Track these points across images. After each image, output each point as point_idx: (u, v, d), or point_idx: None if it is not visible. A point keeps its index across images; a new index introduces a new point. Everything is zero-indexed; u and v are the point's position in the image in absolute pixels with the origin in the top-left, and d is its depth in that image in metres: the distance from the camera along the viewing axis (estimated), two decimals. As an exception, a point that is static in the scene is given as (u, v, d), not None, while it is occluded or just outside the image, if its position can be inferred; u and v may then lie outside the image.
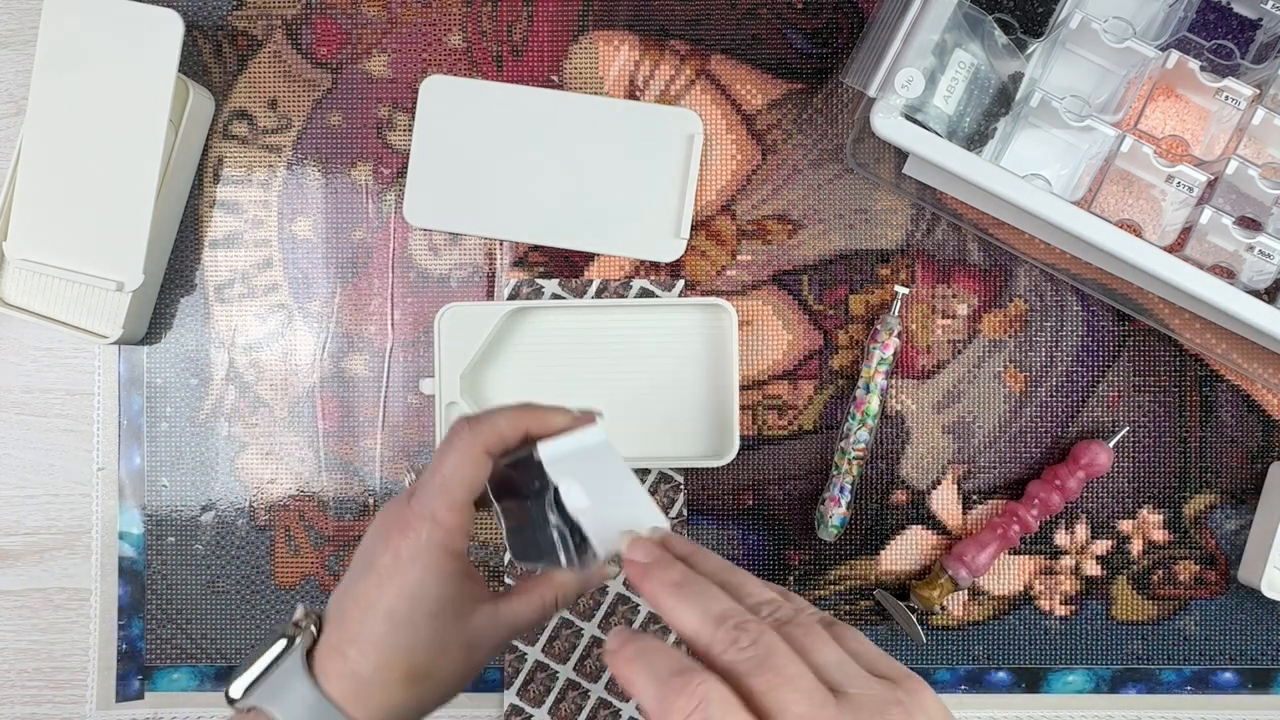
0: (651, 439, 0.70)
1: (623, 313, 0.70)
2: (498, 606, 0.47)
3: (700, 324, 0.70)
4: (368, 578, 0.45)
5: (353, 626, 0.45)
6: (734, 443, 0.68)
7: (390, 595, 0.44)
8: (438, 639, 0.45)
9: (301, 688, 0.44)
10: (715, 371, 0.70)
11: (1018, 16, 0.63)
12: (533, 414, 0.47)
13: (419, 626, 0.45)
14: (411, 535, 0.45)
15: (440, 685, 0.46)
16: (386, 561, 0.45)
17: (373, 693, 0.44)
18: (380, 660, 0.44)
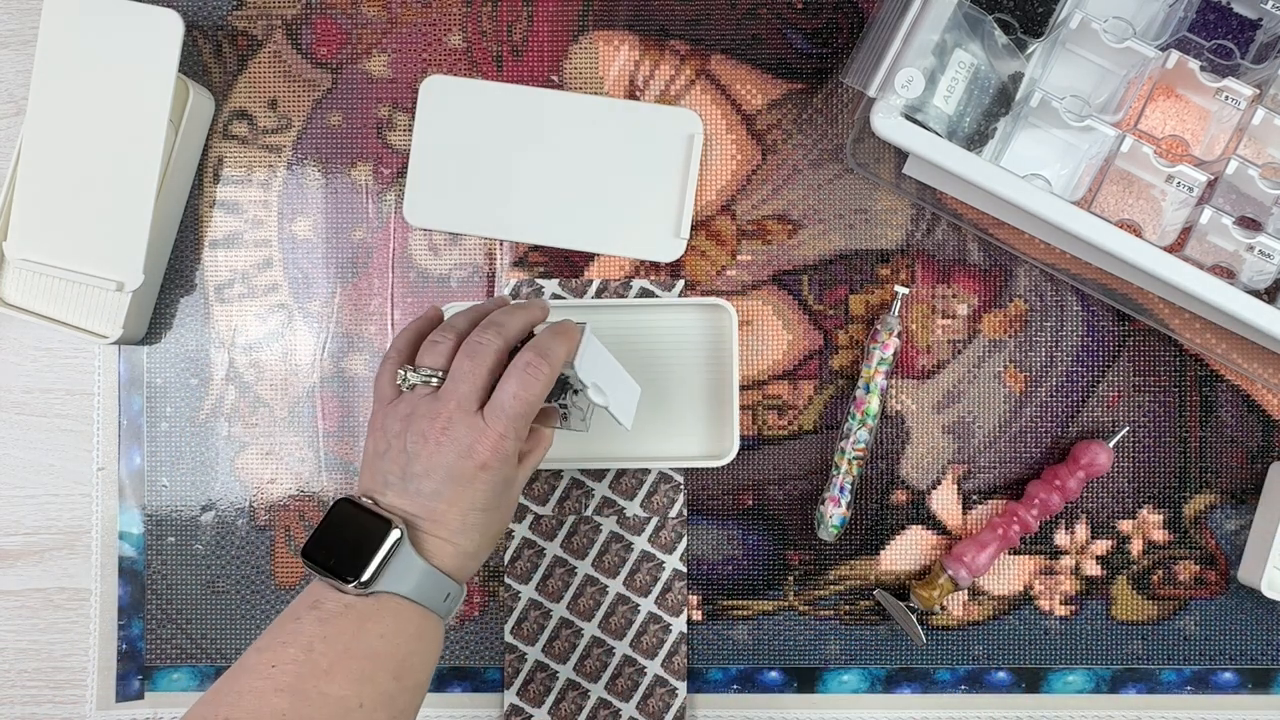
0: (651, 439, 0.70)
1: (622, 313, 0.70)
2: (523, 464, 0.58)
3: (700, 324, 0.70)
4: (453, 484, 0.54)
5: (455, 523, 0.54)
6: (734, 443, 0.68)
7: (482, 494, 0.54)
8: (508, 510, 0.58)
9: (423, 570, 0.53)
10: (715, 371, 0.70)
11: (1018, 16, 0.63)
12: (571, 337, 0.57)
13: (501, 508, 0.56)
14: (500, 451, 0.54)
15: (496, 536, 0.57)
16: (469, 469, 0.54)
17: (474, 560, 0.56)
18: (482, 540, 0.56)
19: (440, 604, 0.54)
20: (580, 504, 0.71)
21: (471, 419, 0.54)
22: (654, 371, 0.70)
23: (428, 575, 0.53)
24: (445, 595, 0.54)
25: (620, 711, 0.70)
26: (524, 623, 0.70)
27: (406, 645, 0.53)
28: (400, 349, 0.58)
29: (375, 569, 0.52)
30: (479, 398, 0.54)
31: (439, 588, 0.54)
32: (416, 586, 0.53)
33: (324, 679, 0.50)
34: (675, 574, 0.70)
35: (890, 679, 0.71)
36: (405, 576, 0.53)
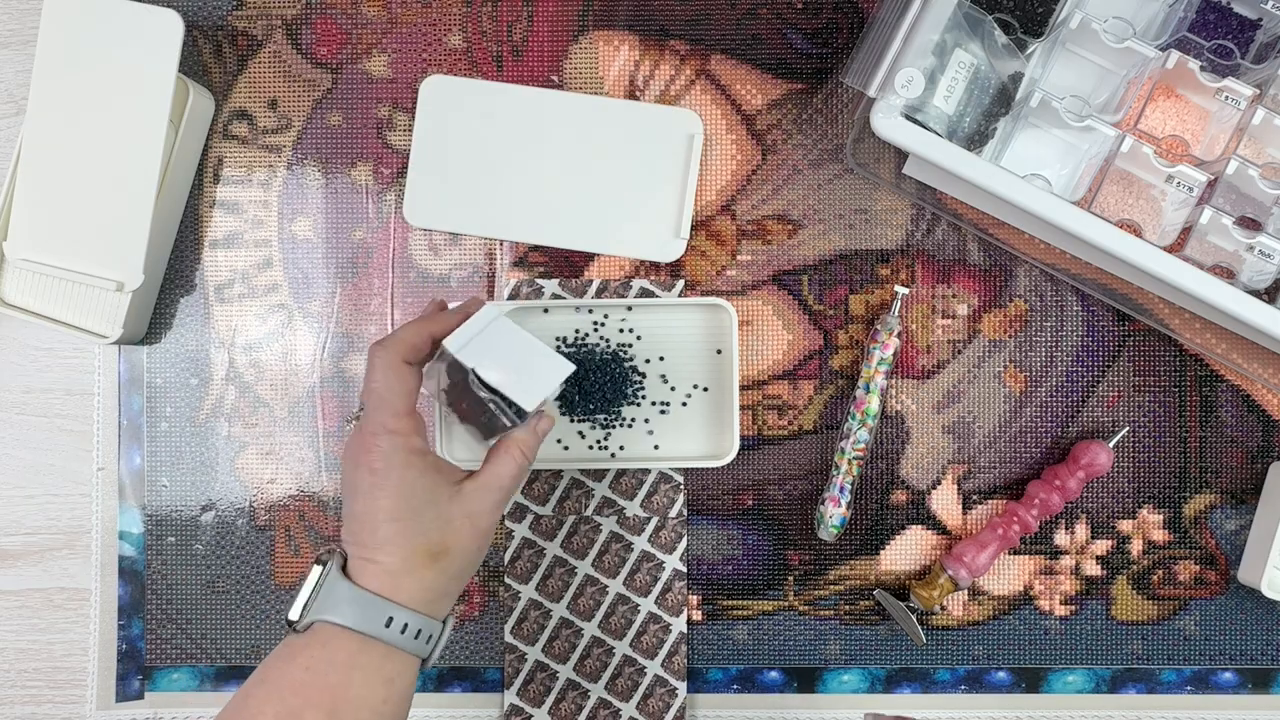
0: (651, 440, 0.70)
1: (622, 312, 0.70)
2: (478, 477, 0.56)
3: (700, 324, 0.70)
4: (358, 499, 0.53)
5: (368, 538, 0.53)
6: (734, 443, 0.68)
7: (384, 501, 0.53)
8: (439, 519, 0.54)
9: (349, 593, 0.52)
10: (715, 372, 0.70)
11: (1018, 16, 0.63)
12: (431, 319, 0.57)
13: (420, 514, 0.53)
14: (375, 450, 0.53)
15: (461, 557, 0.55)
16: (366, 479, 0.53)
17: (407, 578, 0.53)
18: (404, 552, 0.53)
19: (382, 629, 0.52)
20: (580, 504, 0.71)
21: (354, 433, 0.55)
22: (653, 372, 0.70)
23: (354, 597, 0.52)
24: (386, 619, 0.52)
25: (620, 711, 0.70)
26: (524, 623, 0.70)
27: (337, 675, 0.51)
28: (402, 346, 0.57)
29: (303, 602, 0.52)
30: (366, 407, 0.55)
31: (371, 609, 0.52)
32: (344, 610, 0.52)
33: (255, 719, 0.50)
34: (675, 574, 0.70)
35: (890, 679, 0.71)
36: (331, 602, 0.52)
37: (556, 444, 0.70)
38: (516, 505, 0.71)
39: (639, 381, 0.70)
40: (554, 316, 0.70)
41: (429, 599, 0.53)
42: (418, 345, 0.56)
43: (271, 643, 0.71)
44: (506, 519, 0.71)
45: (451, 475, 0.56)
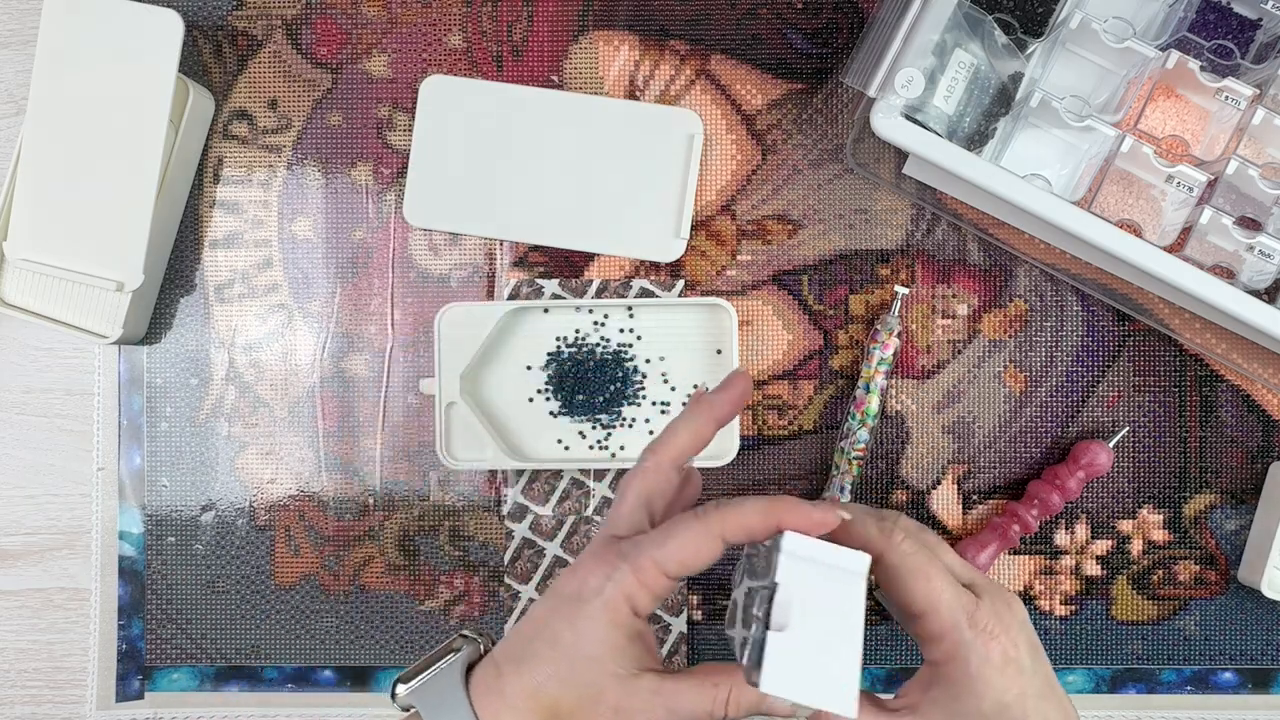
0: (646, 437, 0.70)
1: (622, 313, 0.70)
2: (663, 681, 0.43)
3: (700, 324, 0.70)
4: (548, 602, 0.44)
5: (515, 645, 0.44)
6: (734, 443, 0.68)
7: (560, 622, 0.43)
8: (591, 686, 0.43)
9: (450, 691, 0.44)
10: (716, 372, 0.70)
11: (1018, 16, 0.63)
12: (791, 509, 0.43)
13: (577, 665, 0.43)
14: (606, 568, 0.43)
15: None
16: (569, 590, 0.44)
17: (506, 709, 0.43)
18: (528, 685, 0.43)
19: None
20: (580, 504, 0.71)
21: (607, 540, 0.45)
22: (654, 372, 0.70)
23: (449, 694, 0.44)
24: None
25: (620, 711, 0.70)
26: (524, 623, 0.70)
27: None
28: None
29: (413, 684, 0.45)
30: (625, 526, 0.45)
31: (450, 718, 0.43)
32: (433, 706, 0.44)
33: None
34: (675, 574, 0.70)
35: (891, 679, 0.71)
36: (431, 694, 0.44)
37: (556, 444, 0.70)
38: (516, 505, 0.71)
39: (639, 382, 0.70)
40: (554, 316, 0.70)
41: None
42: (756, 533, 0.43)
43: (271, 642, 0.71)
44: (506, 519, 0.71)
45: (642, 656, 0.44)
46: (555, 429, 0.70)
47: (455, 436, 0.70)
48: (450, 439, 0.69)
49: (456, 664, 0.45)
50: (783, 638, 0.39)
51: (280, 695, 0.72)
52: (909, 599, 0.44)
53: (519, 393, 0.71)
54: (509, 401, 0.71)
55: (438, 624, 0.71)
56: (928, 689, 0.45)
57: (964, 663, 0.43)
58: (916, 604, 0.43)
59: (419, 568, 0.71)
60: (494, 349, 0.71)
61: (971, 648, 0.43)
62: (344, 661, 0.71)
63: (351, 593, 0.71)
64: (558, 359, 0.70)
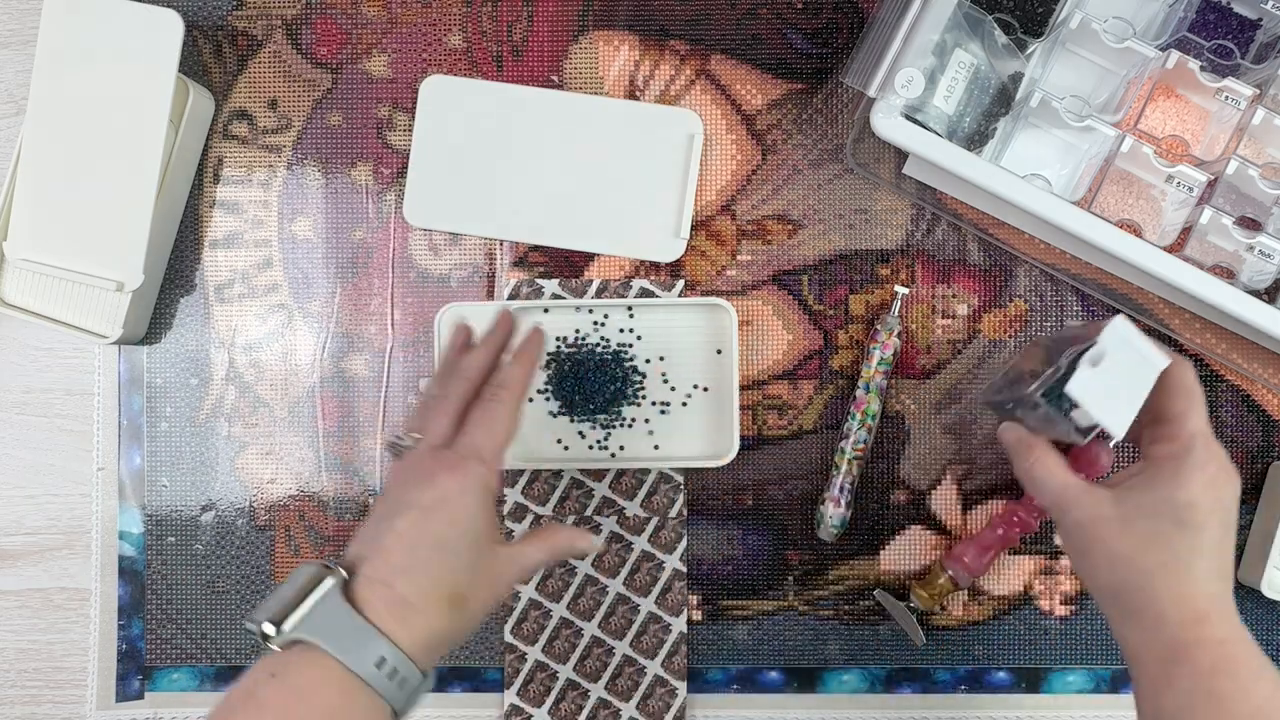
0: (651, 440, 0.70)
1: (622, 312, 0.70)
2: (513, 549, 0.53)
3: (700, 324, 0.70)
4: (407, 515, 0.50)
5: (397, 558, 0.49)
6: (734, 443, 0.68)
7: (439, 525, 0.50)
8: (475, 567, 0.51)
9: (346, 617, 0.47)
10: (715, 371, 0.70)
11: (1018, 16, 0.63)
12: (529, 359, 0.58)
13: (463, 553, 0.50)
14: (462, 471, 0.51)
15: (471, 615, 0.51)
16: (432, 497, 0.50)
17: (417, 617, 0.48)
18: (429, 584, 0.49)
19: (372, 669, 0.46)
20: (580, 504, 0.71)
21: (436, 452, 0.53)
22: (653, 372, 0.70)
23: (348, 622, 0.46)
24: (379, 658, 0.46)
25: (620, 711, 0.70)
26: (524, 623, 0.70)
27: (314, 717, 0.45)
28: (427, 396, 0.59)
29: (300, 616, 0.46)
30: (444, 438, 0.54)
31: (367, 643, 0.46)
32: (337, 638, 0.46)
33: None
34: (675, 574, 0.70)
35: (890, 679, 0.71)
36: (322, 622, 0.46)
37: (556, 444, 0.70)
38: (516, 505, 0.71)
39: (639, 381, 0.70)
40: (554, 316, 0.70)
41: (426, 647, 0.48)
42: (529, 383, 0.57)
43: (271, 643, 0.71)
44: (506, 519, 0.71)
45: (497, 532, 0.53)
46: (555, 429, 0.70)
47: None
48: None
49: (335, 591, 0.47)
50: (1091, 372, 0.53)
51: (280, 695, 0.72)
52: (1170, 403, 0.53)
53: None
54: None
55: (438, 624, 0.71)
56: (1132, 477, 0.53)
57: (1181, 462, 0.51)
58: (1176, 408, 0.52)
59: (419, 568, 0.71)
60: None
61: (1194, 456, 0.51)
62: (344, 661, 0.71)
63: (351, 593, 0.71)
64: (557, 359, 0.70)
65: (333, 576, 0.48)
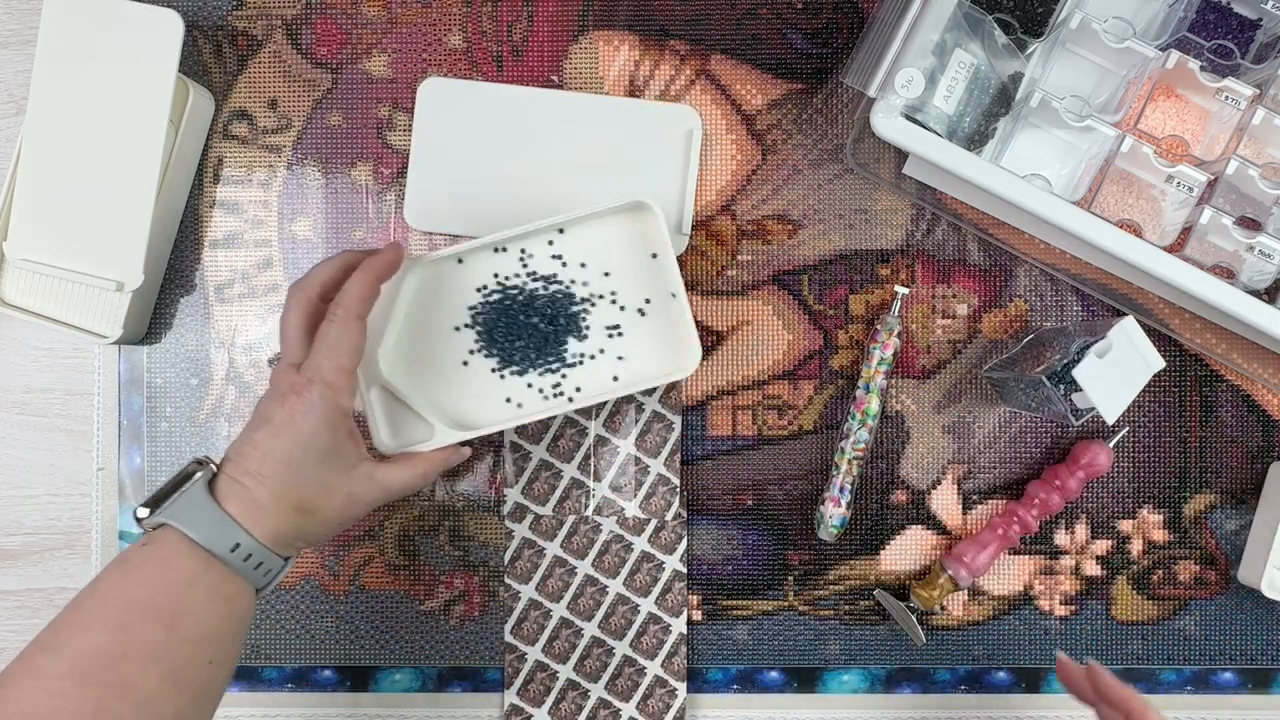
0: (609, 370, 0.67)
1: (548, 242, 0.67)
2: (376, 468, 0.59)
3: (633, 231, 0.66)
4: (264, 429, 0.55)
5: (251, 464, 0.55)
6: (695, 351, 0.64)
7: (286, 442, 0.55)
8: (324, 482, 0.56)
9: (207, 506, 0.54)
10: (658, 280, 0.66)
11: (1018, 16, 0.63)
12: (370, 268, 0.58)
13: (309, 468, 0.56)
14: (306, 395, 0.55)
15: (322, 521, 0.57)
16: (282, 416, 0.55)
17: (266, 515, 0.55)
18: (275, 492, 0.55)
19: (227, 552, 0.53)
20: (580, 504, 0.71)
21: (289, 370, 0.57)
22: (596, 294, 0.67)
23: (212, 515, 0.53)
24: (234, 544, 0.53)
25: (620, 711, 0.70)
26: (524, 623, 0.70)
27: (175, 592, 0.52)
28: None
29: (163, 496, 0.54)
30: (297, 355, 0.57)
31: (224, 531, 0.53)
32: (198, 524, 0.53)
33: (79, 632, 0.50)
34: (675, 574, 0.70)
35: (890, 679, 0.71)
36: (189, 512, 0.53)
37: (506, 404, 0.67)
38: (516, 505, 0.71)
39: (580, 312, 0.66)
40: (472, 267, 0.67)
41: (279, 540, 0.55)
42: (370, 299, 0.58)
43: (271, 642, 0.71)
44: (506, 519, 0.71)
45: (358, 450, 0.58)
46: (503, 389, 0.67)
47: (388, 420, 0.65)
48: (380, 424, 0.65)
49: (200, 483, 0.54)
50: (1096, 362, 0.59)
51: (280, 695, 0.72)
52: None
53: (454, 358, 0.67)
54: (446, 370, 0.67)
55: (438, 624, 0.71)
56: None
57: None
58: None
59: (419, 568, 0.71)
60: (416, 317, 0.67)
61: None
62: (344, 661, 0.71)
63: (351, 593, 0.71)
64: (480, 310, 0.67)
65: (203, 471, 0.55)
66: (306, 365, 0.56)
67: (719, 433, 0.71)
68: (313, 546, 0.58)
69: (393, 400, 0.66)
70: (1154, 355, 0.61)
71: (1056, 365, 0.63)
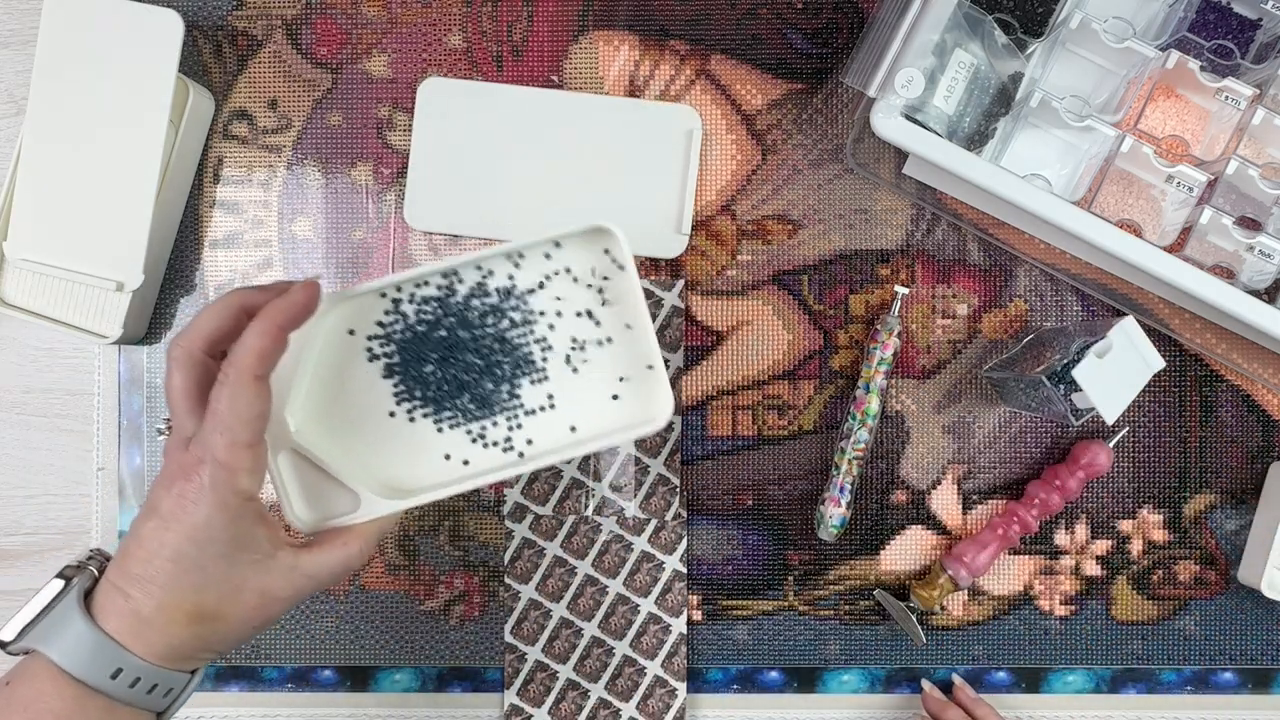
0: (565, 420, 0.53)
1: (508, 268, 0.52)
2: (298, 555, 0.47)
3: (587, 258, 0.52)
4: (150, 521, 0.45)
5: (135, 567, 0.45)
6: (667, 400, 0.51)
7: (176, 538, 0.44)
8: (229, 581, 0.45)
9: (78, 625, 0.44)
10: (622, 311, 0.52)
11: (1018, 16, 0.63)
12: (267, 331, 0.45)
13: (207, 568, 0.45)
14: (195, 478, 0.44)
15: (230, 628, 0.46)
16: (169, 505, 0.44)
17: (153, 631, 0.44)
18: (164, 600, 0.44)
19: (106, 680, 0.43)
20: (580, 504, 0.71)
21: (178, 448, 0.46)
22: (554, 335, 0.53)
23: (82, 635, 0.44)
24: (114, 670, 0.44)
25: (620, 711, 0.70)
26: (524, 623, 0.70)
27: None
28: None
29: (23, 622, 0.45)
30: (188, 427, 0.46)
31: (99, 655, 0.44)
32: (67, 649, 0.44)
33: None
34: (675, 574, 0.70)
35: (890, 679, 0.71)
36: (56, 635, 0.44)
37: (446, 461, 0.53)
38: (516, 505, 0.71)
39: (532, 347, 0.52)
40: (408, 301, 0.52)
41: (176, 656, 0.45)
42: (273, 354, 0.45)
43: (271, 642, 0.71)
44: (506, 519, 0.71)
45: (272, 536, 0.46)
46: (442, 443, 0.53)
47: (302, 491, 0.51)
48: (293, 496, 0.50)
49: (72, 596, 0.45)
50: (1096, 362, 0.60)
51: (280, 695, 0.72)
52: None
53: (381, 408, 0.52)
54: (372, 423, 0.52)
55: (438, 624, 0.71)
56: None
57: None
58: None
59: (419, 568, 0.71)
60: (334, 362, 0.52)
61: None
62: (344, 661, 0.71)
63: (351, 593, 0.71)
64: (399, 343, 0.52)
65: (79, 579, 0.46)
66: (195, 441, 0.44)
67: (719, 433, 0.71)
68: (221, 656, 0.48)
69: (306, 465, 0.51)
70: (1154, 355, 0.61)
71: (1056, 365, 0.63)
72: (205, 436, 0.44)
